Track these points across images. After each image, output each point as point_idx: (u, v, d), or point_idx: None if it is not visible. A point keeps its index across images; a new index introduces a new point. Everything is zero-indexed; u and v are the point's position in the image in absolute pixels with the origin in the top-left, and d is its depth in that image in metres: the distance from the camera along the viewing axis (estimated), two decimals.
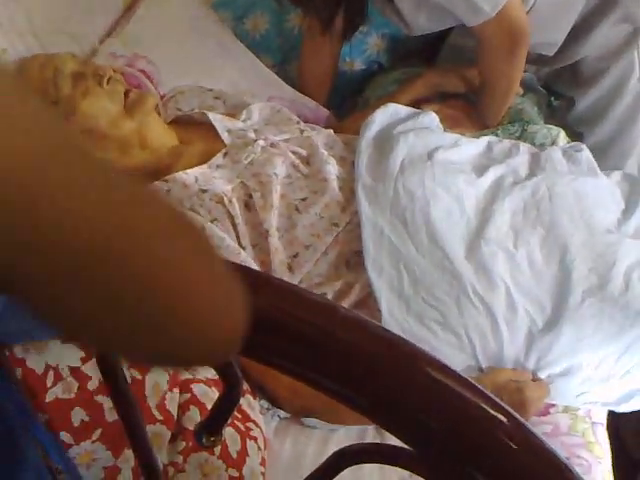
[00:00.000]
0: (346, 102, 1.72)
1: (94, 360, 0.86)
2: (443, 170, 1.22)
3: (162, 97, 1.40)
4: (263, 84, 1.54)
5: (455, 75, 1.53)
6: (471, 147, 1.29)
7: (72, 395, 0.83)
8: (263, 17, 1.69)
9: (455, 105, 1.52)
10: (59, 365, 0.84)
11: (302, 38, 1.64)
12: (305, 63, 1.63)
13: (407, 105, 1.45)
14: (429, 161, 1.22)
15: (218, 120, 1.28)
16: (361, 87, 1.70)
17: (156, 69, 1.39)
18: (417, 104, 1.50)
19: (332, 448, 1.07)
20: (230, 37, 1.54)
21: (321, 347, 0.58)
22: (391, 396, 0.58)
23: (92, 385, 0.84)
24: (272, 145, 1.25)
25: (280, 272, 1.14)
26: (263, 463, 1.00)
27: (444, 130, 1.39)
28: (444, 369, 0.61)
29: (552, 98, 1.64)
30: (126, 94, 1.22)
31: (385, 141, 1.27)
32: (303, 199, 1.20)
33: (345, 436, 1.11)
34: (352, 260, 1.18)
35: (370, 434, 1.12)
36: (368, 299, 1.15)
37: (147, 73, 1.37)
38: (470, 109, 1.51)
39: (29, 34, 1.33)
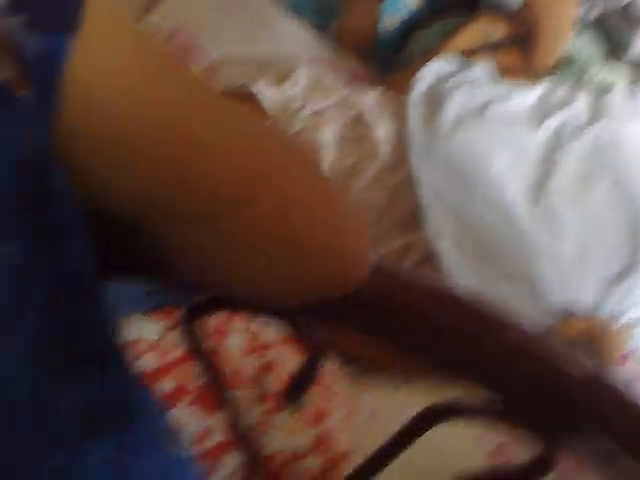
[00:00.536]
0: (387, 61, 1.70)
1: (172, 333, 0.89)
2: (499, 123, 1.20)
3: (205, 69, 1.41)
4: (305, 47, 1.53)
5: (502, 22, 1.50)
6: (526, 97, 1.26)
7: (156, 366, 0.85)
8: None
9: (506, 53, 1.48)
10: (141, 339, 0.86)
11: None
12: (349, 17, 1.61)
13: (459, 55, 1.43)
14: (483, 115, 1.21)
15: (262, 91, 1.28)
16: (400, 45, 1.68)
17: (198, 40, 1.40)
18: (465, 56, 1.48)
19: (410, 399, 1.08)
20: (269, 5, 1.54)
21: (408, 319, 0.59)
22: (478, 365, 0.59)
23: (173, 356, 0.86)
24: (318, 112, 1.25)
25: None
26: (345, 418, 1.01)
27: (497, 81, 1.37)
28: (525, 335, 0.61)
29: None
30: None
31: (436, 97, 1.25)
32: (354, 164, 1.21)
33: (421, 386, 1.10)
34: (411, 221, 1.18)
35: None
36: (430, 258, 1.16)
37: (189, 45, 1.38)
38: (522, 57, 1.47)
39: None
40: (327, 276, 0.42)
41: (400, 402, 1.08)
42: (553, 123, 1.21)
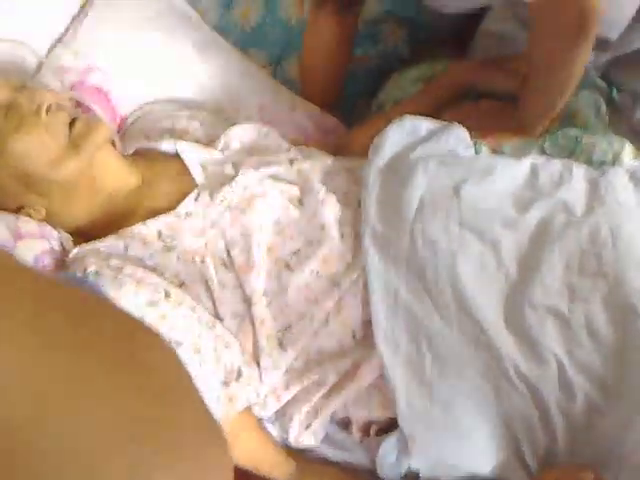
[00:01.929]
0: (358, 105, 1.51)
1: None
2: (473, 209, 1.01)
3: (123, 120, 1.21)
4: (254, 89, 1.34)
5: (490, 69, 1.30)
6: (510, 174, 1.08)
7: None
8: (255, 4, 1.49)
9: (490, 107, 1.30)
10: None
11: (302, 27, 1.43)
12: (309, 53, 1.41)
13: (430, 110, 1.24)
14: (455, 198, 1.02)
15: (189, 152, 1.09)
16: (377, 86, 1.48)
17: (115, 83, 1.20)
18: (443, 107, 1.29)
19: None
20: (209, 34, 1.33)
21: None
22: None
23: None
24: (255, 183, 1.05)
25: (269, 350, 0.96)
26: None
27: (476, 145, 1.17)
28: None
29: (614, 90, 1.40)
30: (71, 124, 1.03)
31: (400, 170, 1.06)
32: (295, 252, 1.01)
33: None
34: (359, 332, 0.98)
35: None
36: (382, 381, 0.96)
37: (103, 90, 1.18)
38: (510, 111, 1.28)
39: None
40: None
41: None
42: (540, 211, 1.02)
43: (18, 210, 1.02)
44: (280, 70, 1.47)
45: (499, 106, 1.29)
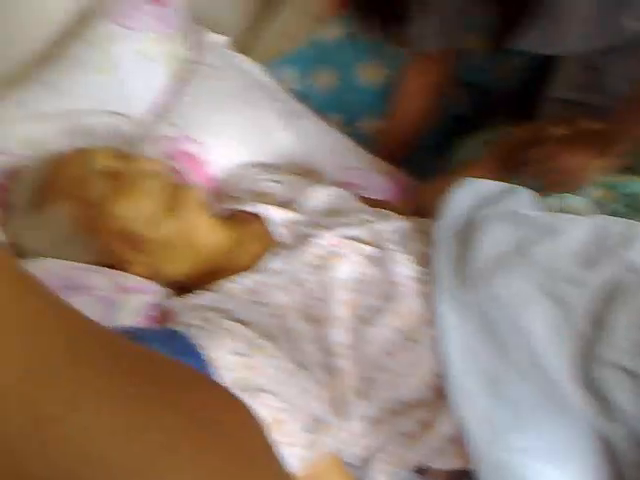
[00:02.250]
0: (424, 164, 1.59)
1: None
2: (540, 267, 1.07)
3: (214, 183, 1.32)
4: (334, 152, 1.44)
5: (558, 126, 1.34)
6: (575, 232, 1.12)
7: None
8: (331, 72, 1.60)
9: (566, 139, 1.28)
10: None
11: (374, 90, 1.53)
12: (402, 111, 1.51)
13: (496, 172, 1.31)
14: (521, 258, 1.07)
15: (272, 214, 1.18)
16: (442, 146, 1.57)
17: (206, 151, 1.31)
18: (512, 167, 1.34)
19: None
20: (290, 102, 1.44)
21: None
22: None
23: None
24: (334, 243, 1.13)
25: (349, 400, 1.02)
26: None
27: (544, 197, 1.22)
28: None
29: None
30: (166, 189, 1.14)
31: (467, 230, 1.13)
32: (372, 308, 1.09)
33: None
34: (437, 384, 1.04)
35: None
36: (459, 433, 1.01)
37: (196, 157, 1.29)
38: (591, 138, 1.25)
39: (64, 116, 1.28)
40: None
41: None
42: (606, 270, 1.06)
43: (122, 266, 1.13)
44: (354, 129, 1.57)
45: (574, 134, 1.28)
